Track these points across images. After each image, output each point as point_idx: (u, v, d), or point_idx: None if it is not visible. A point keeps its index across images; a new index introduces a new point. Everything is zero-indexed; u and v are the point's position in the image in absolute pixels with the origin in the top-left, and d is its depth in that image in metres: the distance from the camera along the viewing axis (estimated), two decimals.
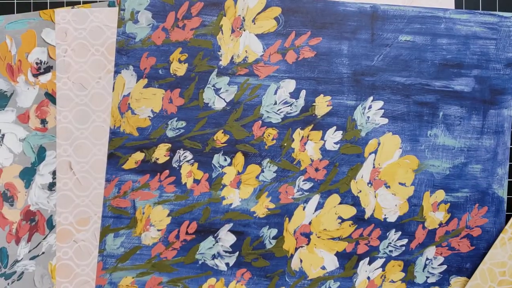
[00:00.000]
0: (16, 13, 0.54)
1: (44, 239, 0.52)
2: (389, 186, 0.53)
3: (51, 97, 0.53)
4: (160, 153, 0.52)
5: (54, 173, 0.52)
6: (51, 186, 0.52)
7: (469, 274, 0.53)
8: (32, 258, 0.52)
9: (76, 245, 0.52)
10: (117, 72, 0.52)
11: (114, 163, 0.52)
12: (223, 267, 0.52)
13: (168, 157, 0.52)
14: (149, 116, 0.52)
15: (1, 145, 0.52)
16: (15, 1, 0.54)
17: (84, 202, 0.52)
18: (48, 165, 0.52)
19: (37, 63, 0.53)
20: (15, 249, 0.51)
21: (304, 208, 0.53)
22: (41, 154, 0.52)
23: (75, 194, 0.52)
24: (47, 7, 0.54)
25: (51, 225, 0.52)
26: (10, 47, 0.53)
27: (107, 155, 0.52)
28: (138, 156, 0.52)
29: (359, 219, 0.53)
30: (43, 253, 0.52)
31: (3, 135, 0.52)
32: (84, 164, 0.52)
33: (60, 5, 0.53)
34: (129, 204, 0.52)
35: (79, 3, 0.54)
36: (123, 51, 0.52)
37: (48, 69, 0.53)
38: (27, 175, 0.52)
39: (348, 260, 0.53)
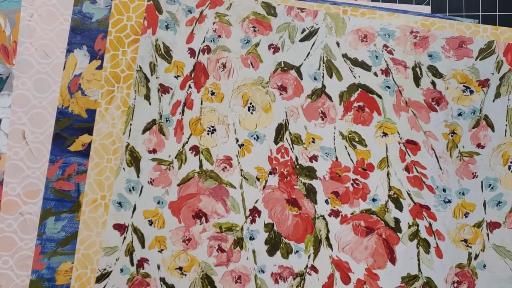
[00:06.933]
0: None
1: None
2: None
3: None
4: None
5: None
6: None
7: None
8: None
9: (22, 218, 0.49)
10: (69, 51, 0.50)
11: (60, 144, 0.49)
12: None
13: None
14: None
15: None
16: None
17: (35, 174, 0.49)
18: None
19: None
20: None
21: None
22: None
23: (26, 165, 0.49)
24: None
25: None
26: (4, 27, 0.51)
27: (52, 136, 0.49)
28: (86, 138, 0.50)
29: None
30: None
31: (0, 120, 0.50)
32: (38, 135, 0.49)
33: None
34: (73, 188, 0.49)
35: None
36: (78, 30, 0.50)
37: None
38: None
39: None
